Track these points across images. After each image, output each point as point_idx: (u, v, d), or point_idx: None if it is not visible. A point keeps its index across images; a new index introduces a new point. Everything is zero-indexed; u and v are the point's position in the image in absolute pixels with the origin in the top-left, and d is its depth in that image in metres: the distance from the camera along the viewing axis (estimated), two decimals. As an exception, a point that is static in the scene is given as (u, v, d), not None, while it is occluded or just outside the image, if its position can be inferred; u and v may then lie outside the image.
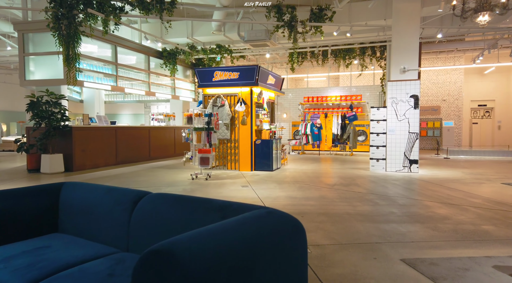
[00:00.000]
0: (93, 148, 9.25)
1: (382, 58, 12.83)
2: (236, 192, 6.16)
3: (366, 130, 15.14)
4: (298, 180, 7.48)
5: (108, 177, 7.89)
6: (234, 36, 11.52)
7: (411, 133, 8.53)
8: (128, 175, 8.27)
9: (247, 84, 8.70)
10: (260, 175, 8.16)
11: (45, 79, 9.20)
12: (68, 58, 8.28)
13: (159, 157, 11.97)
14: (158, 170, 9.10)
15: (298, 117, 16.74)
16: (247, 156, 8.88)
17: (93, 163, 9.28)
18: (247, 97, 8.82)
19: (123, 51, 10.96)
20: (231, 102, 8.97)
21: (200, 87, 9.12)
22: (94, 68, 9.77)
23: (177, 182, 7.15)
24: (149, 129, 11.54)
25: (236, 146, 8.96)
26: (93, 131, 9.25)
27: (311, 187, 6.57)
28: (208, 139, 7.38)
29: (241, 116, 8.84)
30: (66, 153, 8.69)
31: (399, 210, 4.84)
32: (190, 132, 7.49)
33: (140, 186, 6.75)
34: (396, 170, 8.68)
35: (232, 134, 8.97)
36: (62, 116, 8.54)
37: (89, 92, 12.86)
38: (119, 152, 10.17)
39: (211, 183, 7.07)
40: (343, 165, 10.19)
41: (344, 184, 6.91)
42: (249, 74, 8.64)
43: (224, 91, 9.01)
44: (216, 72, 8.88)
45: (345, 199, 5.56)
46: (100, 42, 10.10)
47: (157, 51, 12.30)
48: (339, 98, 15.87)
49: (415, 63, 8.63)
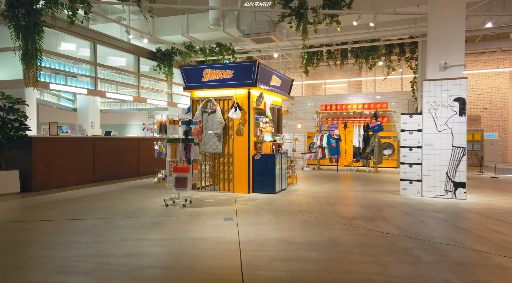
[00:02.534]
0: (62, 163, 7.75)
1: (413, 58, 10.84)
2: (212, 229, 4.37)
3: (393, 143, 13.07)
4: (304, 209, 5.61)
5: (66, 201, 6.30)
6: (236, 32, 9.91)
7: (456, 147, 6.51)
8: (94, 198, 6.65)
9: (244, 85, 6.98)
10: (257, 200, 6.35)
11: (4, 80, 7.83)
12: (27, 55, 6.86)
13: (150, 172, 10.38)
14: (135, 191, 7.45)
15: (314, 127, 14.86)
16: (244, 175, 7.10)
17: (61, 181, 7.75)
18: (243, 101, 7.10)
19: (107, 50, 9.54)
20: (225, 108, 7.26)
21: (187, 89, 7.48)
22: (65, 68, 8.36)
23: (144, 211, 5.45)
24: (138, 140, 10.00)
25: (230, 162, 7.21)
26: (62, 142, 7.76)
27: (319, 223, 4.69)
28: (186, 154, 5.66)
29: (236, 124, 7.12)
30: (25, 169, 7.21)
31: (458, 276, 2.90)
32: (164, 144, 5.81)
33: (94, 215, 5.08)
34: (436, 195, 6.64)
35: (225, 147, 7.24)
36: (21, 124, 7.08)
37: (83, 99, 11.55)
38: (98, 168, 8.64)
39: (187, 212, 5.32)
40: (366, 186, 8.21)
41: (366, 218, 4.98)
42: (245, 73, 6.94)
43: (216, 94, 7.33)
44: (206, 71, 7.22)
45: (367, 248, 3.66)
46: (74, 37, 8.71)
47: (149, 51, 10.85)
48: (361, 106, 13.89)
49: (459, 57, 6.66)
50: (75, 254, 3.45)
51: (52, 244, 3.77)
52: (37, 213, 5.31)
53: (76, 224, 4.63)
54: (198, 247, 3.67)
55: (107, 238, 3.98)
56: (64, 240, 3.91)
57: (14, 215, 5.18)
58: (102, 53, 9.33)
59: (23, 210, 5.54)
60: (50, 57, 8.25)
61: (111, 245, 3.72)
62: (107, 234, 4.14)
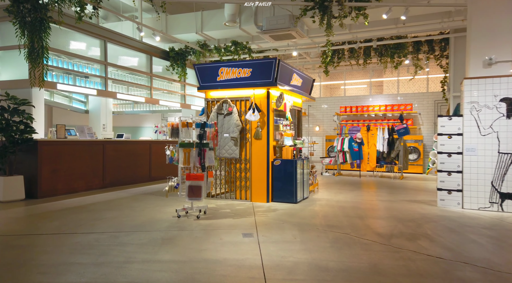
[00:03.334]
0: (69, 167, 7.31)
1: (443, 56, 10.06)
2: (230, 248, 3.79)
3: (418, 147, 12.28)
4: (332, 222, 4.98)
5: (71, 209, 5.83)
6: (253, 29, 9.35)
7: (503, 154, 5.78)
8: (101, 206, 6.17)
9: (263, 85, 6.41)
10: (277, 211, 5.75)
11: (10, 80, 7.45)
12: (33, 53, 6.45)
13: (163, 177, 9.89)
14: (145, 199, 6.94)
15: (333, 130, 14.17)
16: (262, 182, 6.51)
17: (68, 188, 7.31)
18: (262, 102, 6.52)
19: (118, 49, 9.11)
20: (242, 109, 6.70)
21: (201, 89, 6.94)
22: (73, 67, 7.95)
23: (154, 223, 4.91)
24: (150, 143, 9.53)
25: (247, 168, 6.63)
26: (69, 146, 7.33)
27: (353, 242, 4.06)
28: (200, 160, 5.11)
29: (254, 127, 6.54)
30: (30, 174, 6.79)
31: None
32: (176, 149, 5.27)
33: (98, 228, 4.58)
34: (479, 207, 5.91)
35: (242, 152, 6.67)
36: (26, 127, 6.68)
37: (95, 101, 11.18)
38: (107, 173, 8.19)
39: (202, 225, 4.76)
40: (395, 194, 7.50)
41: (407, 236, 4.32)
42: (265, 71, 6.36)
43: (232, 94, 6.77)
44: (222, 69, 6.68)
45: (419, 278, 3.01)
46: (84, 35, 8.29)
47: (162, 51, 10.39)
48: (383, 107, 13.14)
49: (507, 51, 5.93)
50: (71, 281, 2.91)
51: (46, 266, 3.25)
52: (37, 224, 4.84)
53: (77, 239, 4.12)
54: (214, 273, 3.10)
55: (110, 258, 3.45)
56: (61, 260, 3.40)
57: (12, 227, 4.71)
58: (113, 53, 8.90)
59: (23, 221, 5.08)
60: (57, 56, 7.86)
61: (114, 268, 3.18)
62: (110, 253, 3.61)
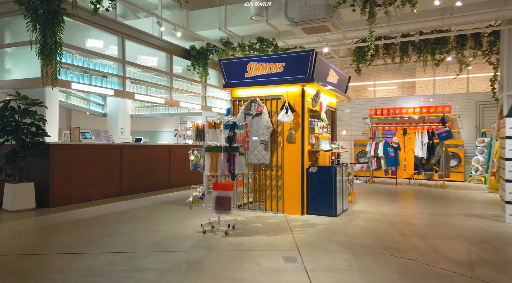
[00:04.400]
0: (84, 174, 6.73)
1: (493, 52, 9.06)
2: (272, 279, 3.03)
3: (458, 152, 11.23)
4: (388, 243, 4.14)
5: (84, 221, 5.21)
6: (280, 24, 8.62)
7: None
8: (117, 218, 5.52)
9: (297, 81, 5.65)
10: (317, 226, 4.95)
11: (21, 79, 6.94)
12: (45, 48, 5.91)
13: (183, 183, 9.25)
14: (166, 209, 6.27)
15: (363, 134, 13.26)
16: (296, 192, 5.73)
17: (83, 195, 6.72)
18: (296, 100, 5.76)
19: (136, 47, 8.54)
20: (272, 109, 5.96)
21: (227, 87, 6.25)
22: (89, 65, 7.40)
23: (177, 240, 4.21)
24: (170, 147, 8.91)
25: (279, 175, 5.87)
26: (84, 150, 6.75)
27: (426, 271, 3.22)
28: (230, 167, 4.38)
29: (287, 130, 5.78)
30: (41, 181, 6.23)
31: None
32: (201, 154, 4.56)
33: (112, 246, 3.91)
34: (559, 224, 4.95)
35: (273, 157, 5.91)
36: (38, 129, 6.13)
37: (113, 104, 10.70)
38: (125, 179, 7.59)
39: (232, 244, 4.02)
40: (446, 207, 6.57)
41: (490, 263, 3.45)
42: (300, 65, 5.61)
43: (262, 93, 6.04)
44: (251, 64, 5.96)
45: None
46: (100, 31, 7.74)
47: (183, 49, 9.79)
48: (418, 109, 12.16)
49: None
50: (72, 327, 2.22)
51: (44, 301, 2.58)
52: (44, 240, 4.21)
53: (87, 261, 3.44)
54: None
55: (124, 291, 2.75)
56: (64, 293, 2.72)
57: (16, 244, 4.10)
58: (131, 51, 8.35)
59: (29, 236, 4.47)
60: (72, 53, 7.33)
61: (128, 308, 2.47)
62: None
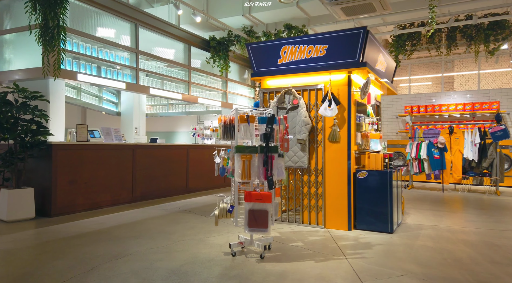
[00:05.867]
0: (92, 177, 5.90)
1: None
2: None
3: (510, 154, 9.95)
4: (482, 277, 3.08)
5: (88, 236, 4.35)
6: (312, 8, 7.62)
7: None
8: (127, 231, 4.64)
9: (343, 67, 4.65)
10: (374, 248, 3.93)
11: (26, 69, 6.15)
12: (46, 33, 5.11)
13: (201, 188, 8.36)
14: (184, 220, 5.35)
15: (396, 134, 12.09)
16: (341, 201, 4.72)
17: (90, 202, 5.89)
18: (340, 90, 4.76)
19: (150, 36, 7.68)
20: (311, 102, 4.97)
21: (255, 76, 5.29)
22: (98, 54, 6.58)
23: (199, 266, 3.27)
24: (188, 148, 8.03)
25: (319, 181, 4.87)
26: (92, 151, 5.92)
27: None
28: (267, 172, 3.42)
29: (329, 126, 4.78)
30: (43, 186, 5.43)
31: None
32: (230, 155, 3.61)
33: (118, 274, 3.00)
34: None
35: (312, 160, 4.92)
36: (38, 126, 5.33)
37: (127, 102, 9.94)
38: (138, 183, 6.74)
39: (272, 274, 3.05)
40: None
41: None
42: (347, 46, 4.60)
43: (298, 82, 5.06)
44: (285, 48, 4.99)
45: None
46: (110, 16, 6.91)
47: (202, 40, 8.89)
48: (460, 106, 10.92)
49: None
50: None
51: None
52: (34, 264, 3.35)
53: (81, 300, 2.54)
54: None
55: None
56: None
57: (1, 269, 3.25)
58: (145, 42, 7.51)
59: (20, 257, 3.63)
60: (78, 40, 6.48)
61: None
62: None
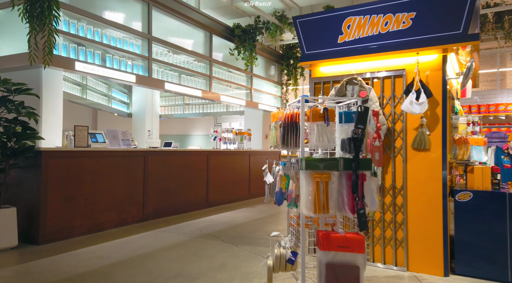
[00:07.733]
0: (93, 192, 4.68)
1: None
2: None
3: None
4: None
5: (80, 278, 3.09)
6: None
7: None
8: (134, 269, 3.37)
9: (437, 42, 3.28)
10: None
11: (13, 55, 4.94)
12: (34, 8, 3.92)
13: (224, 201, 7.09)
14: (208, 252, 4.05)
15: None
16: (432, 233, 3.34)
17: (90, 223, 4.66)
18: (431, 78, 3.39)
19: (165, 20, 6.46)
20: (386, 95, 3.62)
21: (305, 60, 3.94)
22: (101, 39, 5.35)
23: None
24: (208, 154, 6.78)
25: (397, 204, 3.51)
26: (93, 159, 4.70)
27: None
28: (355, 201, 2.08)
29: (413, 128, 3.43)
30: (29, 204, 4.22)
31: None
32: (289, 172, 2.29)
33: None
34: None
35: (387, 174, 3.57)
36: (24, 128, 4.13)
37: (139, 102, 8.83)
38: (150, 198, 5.50)
39: None
40: None
41: None
42: (446, 13, 3.24)
43: (366, 67, 3.72)
44: (351, 19, 3.65)
45: None
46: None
47: (225, 28, 7.62)
48: (523, 105, 9.39)
49: None
50: None
51: None
52: None
53: None
54: None
55: None
56: None
57: None
58: (160, 29, 6.28)
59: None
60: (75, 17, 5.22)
61: None
62: None
